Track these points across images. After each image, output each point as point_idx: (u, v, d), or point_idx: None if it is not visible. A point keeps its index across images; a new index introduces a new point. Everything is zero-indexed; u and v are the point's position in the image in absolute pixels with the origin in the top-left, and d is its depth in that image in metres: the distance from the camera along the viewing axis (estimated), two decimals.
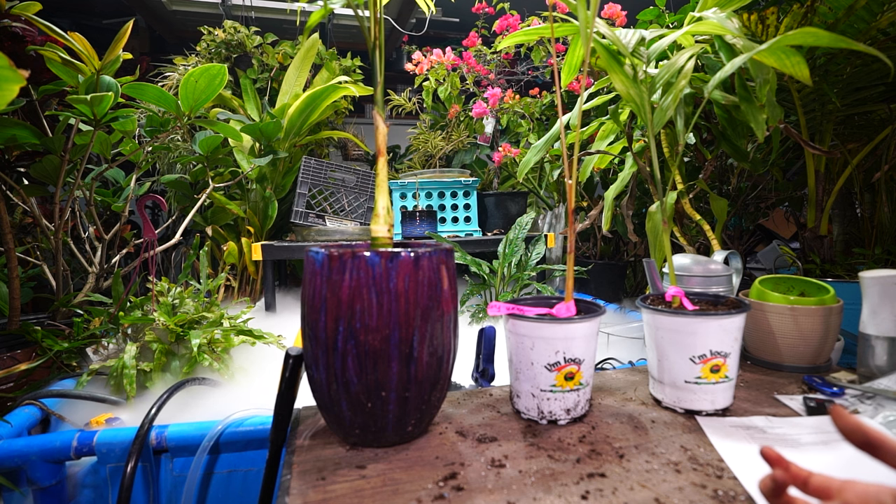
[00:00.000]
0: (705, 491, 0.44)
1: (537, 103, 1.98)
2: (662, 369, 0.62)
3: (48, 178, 1.13)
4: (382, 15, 0.56)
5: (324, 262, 0.49)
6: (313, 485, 0.45)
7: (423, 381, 0.51)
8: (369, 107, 3.39)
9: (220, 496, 0.76)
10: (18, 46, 1.07)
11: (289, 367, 0.55)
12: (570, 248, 0.60)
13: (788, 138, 1.41)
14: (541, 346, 0.56)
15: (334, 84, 1.74)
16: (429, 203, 1.79)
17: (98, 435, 0.72)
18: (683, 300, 0.62)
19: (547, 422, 0.58)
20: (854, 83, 1.05)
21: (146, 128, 1.29)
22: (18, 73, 0.49)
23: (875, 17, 0.93)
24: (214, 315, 1.09)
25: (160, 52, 2.92)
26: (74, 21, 3.01)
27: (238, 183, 1.78)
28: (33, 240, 1.50)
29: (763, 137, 0.74)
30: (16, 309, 1.06)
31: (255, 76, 2.03)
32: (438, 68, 1.99)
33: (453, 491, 0.44)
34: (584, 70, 0.58)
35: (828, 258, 1.21)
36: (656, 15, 1.43)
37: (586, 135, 1.14)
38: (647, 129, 0.69)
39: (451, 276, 0.54)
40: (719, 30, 0.70)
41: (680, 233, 1.11)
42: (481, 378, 0.71)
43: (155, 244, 1.13)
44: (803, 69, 0.61)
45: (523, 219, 1.47)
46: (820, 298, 0.75)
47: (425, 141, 2.19)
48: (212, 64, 1.19)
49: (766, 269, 1.94)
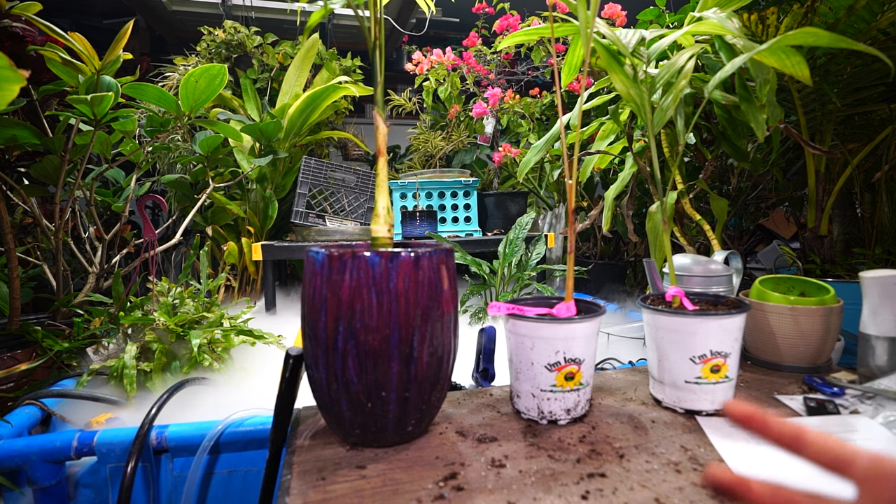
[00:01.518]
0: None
1: (537, 103, 1.98)
2: (662, 369, 0.62)
3: (48, 178, 1.13)
4: (382, 15, 0.56)
5: (324, 262, 0.49)
6: (313, 485, 0.45)
7: (423, 381, 0.51)
8: (369, 107, 3.39)
9: (220, 496, 0.76)
10: (19, 46, 1.07)
11: (289, 367, 0.55)
12: (570, 248, 0.60)
13: (788, 138, 1.41)
14: (541, 346, 0.56)
15: (334, 84, 1.74)
16: (429, 203, 1.79)
17: (98, 435, 0.72)
18: (683, 300, 0.62)
19: (547, 422, 0.58)
20: (854, 83, 1.05)
21: (146, 128, 1.29)
22: (19, 73, 0.49)
23: (875, 17, 0.93)
24: (214, 315, 1.09)
25: (160, 52, 2.92)
26: (74, 21, 3.01)
27: (238, 183, 1.78)
28: (33, 240, 1.50)
29: (763, 137, 0.74)
30: (16, 309, 1.07)
31: (255, 76, 2.03)
32: (438, 68, 1.99)
33: (453, 491, 0.44)
34: (584, 70, 0.58)
35: (828, 258, 1.21)
36: (656, 15, 1.43)
37: (586, 135, 1.14)
38: (648, 129, 0.69)
39: (452, 276, 0.54)
40: (719, 30, 0.70)
41: (680, 233, 1.11)
42: (481, 378, 0.71)
43: (155, 244, 1.13)
44: (803, 69, 0.61)
45: (523, 219, 1.47)
46: (820, 298, 0.74)
47: (425, 141, 2.19)
48: (212, 64, 1.19)
49: (766, 269, 1.94)
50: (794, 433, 0.28)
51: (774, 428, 0.28)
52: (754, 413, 0.29)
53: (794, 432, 0.28)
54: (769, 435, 0.29)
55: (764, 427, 0.29)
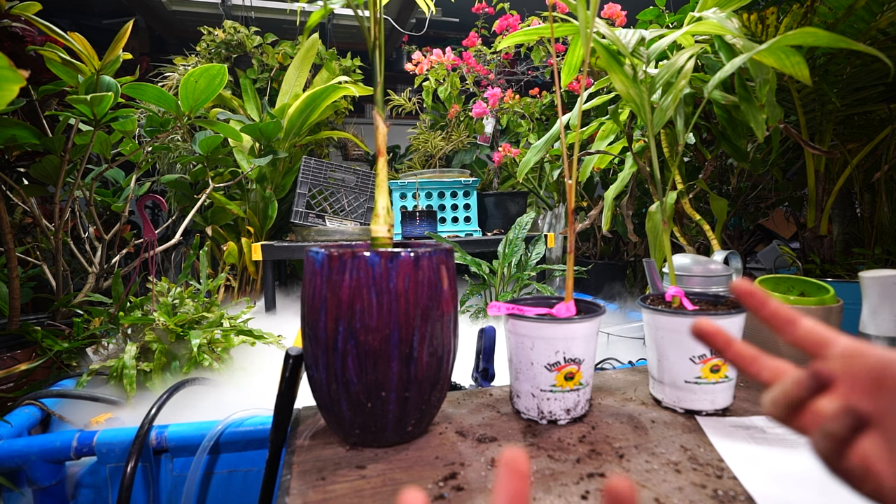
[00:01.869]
0: (705, 491, 0.44)
1: (537, 103, 1.98)
2: (662, 369, 0.62)
3: (48, 178, 1.13)
4: (382, 15, 0.56)
5: (324, 262, 0.49)
6: (313, 485, 0.45)
7: (423, 381, 0.51)
8: (369, 107, 3.39)
9: (220, 496, 0.76)
10: (18, 46, 1.07)
11: (289, 367, 0.55)
12: (570, 248, 0.60)
13: (788, 138, 1.41)
14: (541, 346, 0.56)
15: (334, 84, 1.74)
16: (429, 203, 1.79)
17: (98, 435, 0.72)
18: (683, 300, 0.62)
19: (547, 422, 0.58)
20: (854, 83, 1.05)
21: (146, 128, 1.29)
22: (18, 73, 0.49)
23: (875, 17, 0.93)
24: (214, 315, 1.09)
25: (160, 52, 2.92)
26: (74, 21, 3.01)
27: (238, 183, 1.78)
28: (33, 240, 1.50)
29: (763, 137, 0.74)
30: (16, 309, 1.06)
31: (255, 76, 2.03)
32: (438, 68, 1.99)
33: (453, 491, 0.44)
34: (584, 70, 0.58)
35: (828, 258, 1.21)
36: (656, 15, 1.43)
37: (586, 135, 1.14)
38: (647, 129, 0.69)
39: (451, 276, 0.54)
40: (719, 30, 0.70)
41: (680, 233, 1.11)
42: (481, 378, 0.71)
43: (155, 244, 1.13)
44: (803, 69, 0.62)
45: (523, 219, 1.48)
46: (820, 298, 0.75)
47: (425, 141, 2.19)
48: (212, 64, 1.19)
49: (766, 269, 1.94)
50: (789, 315, 0.29)
51: (772, 306, 0.29)
52: (757, 291, 0.30)
53: (788, 314, 0.29)
54: (766, 311, 0.29)
55: (763, 303, 0.30)
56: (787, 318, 0.29)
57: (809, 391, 0.25)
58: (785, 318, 0.29)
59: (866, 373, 0.26)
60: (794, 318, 0.29)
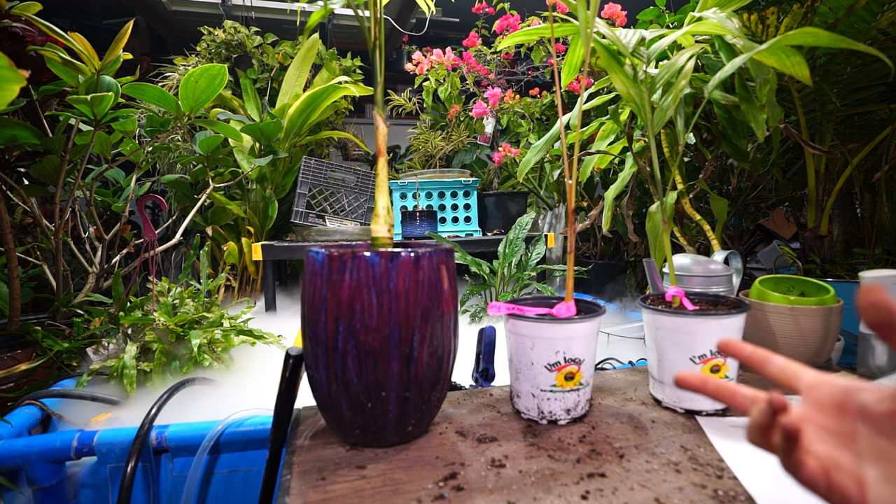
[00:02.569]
0: (705, 491, 0.44)
1: (537, 103, 1.98)
2: (662, 369, 0.62)
3: (48, 178, 1.13)
4: (382, 15, 0.56)
5: (324, 262, 0.49)
6: (313, 485, 0.45)
7: (423, 381, 0.51)
8: (369, 107, 3.39)
9: (220, 496, 0.76)
10: (18, 46, 1.07)
11: (289, 367, 0.55)
12: (570, 248, 0.60)
13: (788, 138, 1.41)
14: (541, 346, 0.56)
15: (334, 84, 1.74)
16: (429, 203, 1.79)
17: (98, 435, 0.72)
18: (683, 300, 0.62)
19: (547, 422, 0.58)
20: (854, 83, 1.05)
21: (146, 128, 1.29)
22: (19, 73, 0.49)
23: (875, 17, 0.93)
24: (214, 315, 1.09)
25: (160, 52, 2.92)
26: (74, 21, 3.01)
27: (238, 183, 1.78)
28: (33, 240, 1.50)
29: (763, 137, 0.74)
30: (16, 309, 1.07)
31: (255, 76, 2.03)
32: (438, 68, 1.99)
33: (453, 491, 0.44)
34: (584, 70, 0.58)
35: (828, 258, 1.21)
36: (656, 15, 1.43)
37: (586, 135, 1.14)
38: (647, 129, 0.69)
39: (451, 276, 0.54)
40: (719, 30, 0.70)
41: (680, 233, 1.11)
42: (481, 378, 0.71)
43: (155, 244, 1.13)
44: (803, 69, 0.61)
45: (523, 219, 1.48)
46: (820, 298, 0.74)
47: (425, 141, 2.19)
48: (212, 64, 1.19)
49: (766, 269, 1.94)
50: (763, 356, 0.34)
51: (746, 351, 0.34)
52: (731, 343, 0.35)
53: (762, 356, 0.34)
54: (742, 356, 0.34)
55: (738, 351, 0.35)
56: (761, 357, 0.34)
57: (769, 416, 0.29)
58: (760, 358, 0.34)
59: (830, 400, 0.30)
60: (767, 355, 0.34)
